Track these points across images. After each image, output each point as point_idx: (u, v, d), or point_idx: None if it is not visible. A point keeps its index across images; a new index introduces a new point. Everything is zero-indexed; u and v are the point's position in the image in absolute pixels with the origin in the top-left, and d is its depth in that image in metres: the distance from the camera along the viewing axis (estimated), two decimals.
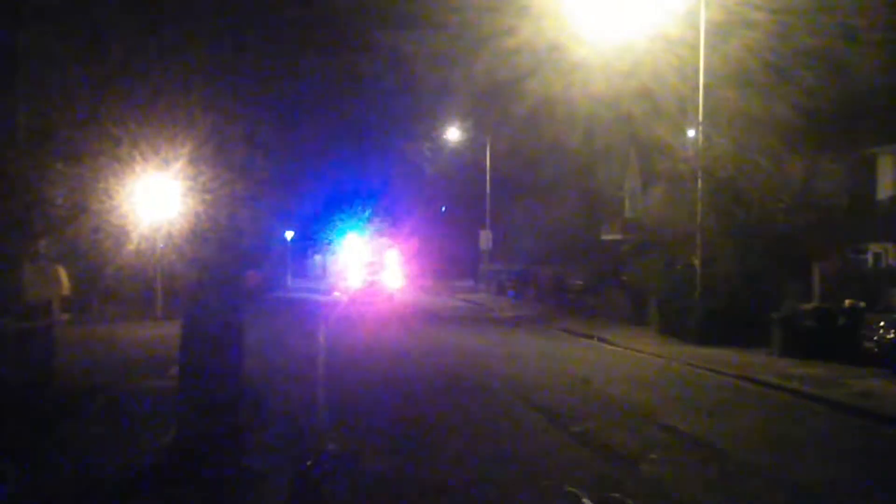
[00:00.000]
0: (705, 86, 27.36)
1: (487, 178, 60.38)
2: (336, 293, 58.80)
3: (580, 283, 46.28)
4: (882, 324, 21.70)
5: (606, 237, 48.80)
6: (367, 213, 72.54)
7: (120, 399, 15.69)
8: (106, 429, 13.20)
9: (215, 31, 10.85)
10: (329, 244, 76.86)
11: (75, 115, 15.40)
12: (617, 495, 10.27)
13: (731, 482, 11.36)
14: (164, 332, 23.57)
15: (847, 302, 23.92)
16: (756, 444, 13.70)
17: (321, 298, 54.24)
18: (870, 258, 30.67)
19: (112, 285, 29.98)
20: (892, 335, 21.12)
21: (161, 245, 23.91)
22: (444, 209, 79.01)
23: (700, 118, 27.75)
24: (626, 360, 24.73)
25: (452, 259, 73.44)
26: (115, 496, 9.94)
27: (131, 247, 20.85)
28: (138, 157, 14.45)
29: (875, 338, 21.84)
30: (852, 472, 12.15)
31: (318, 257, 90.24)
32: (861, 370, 20.96)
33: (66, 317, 27.77)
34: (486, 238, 61.59)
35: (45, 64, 16.07)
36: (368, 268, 59.67)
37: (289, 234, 74.79)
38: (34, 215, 16.41)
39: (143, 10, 14.12)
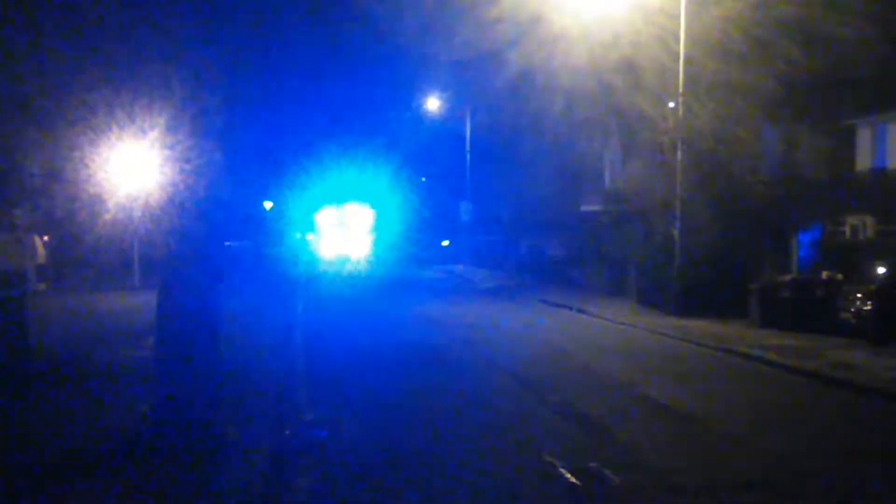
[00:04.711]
0: (686, 56, 27.28)
1: (467, 148, 60.24)
2: (315, 263, 58.55)
3: (560, 254, 46.31)
4: (859, 295, 21.82)
5: (586, 208, 48.67)
6: (347, 184, 72.18)
7: (96, 369, 15.61)
8: (81, 399, 13.13)
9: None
10: (309, 214, 76.55)
11: (50, 83, 15.21)
12: (594, 464, 10.30)
13: (707, 451, 11.40)
14: (142, 302, 23.46)
15: (824, 273, 24.04)
16: (732, 414, 13.79)
17: (301, 268, 54.00)
18: (847, 230, 30.77)
19: (89, 255, 29.77)
20: (868, 306, 21.26)
21: (138, 214, 23.74)
22: (424, 180, 78.83)
23: (680, 89, 27.69)
24: (604, 331, 24.80)
25: (433, 230, 73.30)
26: (90, 467, 9.87)
27: (108, 216, 20.73)
28: (114, 126, 14.29)
29: (852, 309, 21.96)
30: (827, 442, 12.21)
31: (297, 227, 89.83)
32: (838, 341, 21.10)
33: (42, 286, 27.60)
34: (465, 209, 61.51)
35: (18, 32, 15.83)
36: (345, 237, 59.56)
37: (268, 205, 74.45)
38: (9, 184, 16.25)
39: None
